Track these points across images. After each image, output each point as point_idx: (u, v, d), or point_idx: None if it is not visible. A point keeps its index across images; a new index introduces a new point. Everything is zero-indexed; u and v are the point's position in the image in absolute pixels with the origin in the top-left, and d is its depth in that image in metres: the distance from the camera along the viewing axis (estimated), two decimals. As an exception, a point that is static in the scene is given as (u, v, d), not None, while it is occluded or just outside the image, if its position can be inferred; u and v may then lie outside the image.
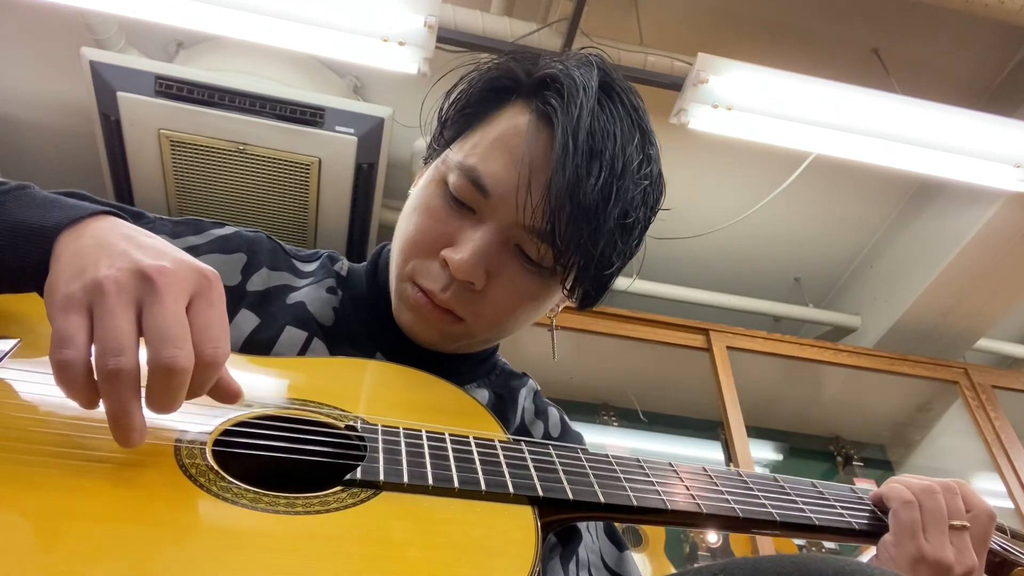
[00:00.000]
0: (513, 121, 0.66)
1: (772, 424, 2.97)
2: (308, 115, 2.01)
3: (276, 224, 2.27)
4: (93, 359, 0.44)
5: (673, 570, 2.19)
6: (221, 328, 0.48)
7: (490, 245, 0.64)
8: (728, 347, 2.48)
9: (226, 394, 0.51)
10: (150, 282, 0.45)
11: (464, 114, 0.70)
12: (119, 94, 1.91)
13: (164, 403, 0.46)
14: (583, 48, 0.71)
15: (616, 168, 0.63)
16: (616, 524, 0.81)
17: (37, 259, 0.50)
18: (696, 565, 0.67)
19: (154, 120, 1.96)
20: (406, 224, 0.69)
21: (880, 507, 0.69)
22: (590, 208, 0.61)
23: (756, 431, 2.70)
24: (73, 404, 0.45)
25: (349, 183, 2.15)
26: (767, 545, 2.13)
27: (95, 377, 0.44)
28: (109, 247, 0.48)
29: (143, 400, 0.45)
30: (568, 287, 0.68)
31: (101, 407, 0.45)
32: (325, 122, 2.02)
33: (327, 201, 2.20)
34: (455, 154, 0.67)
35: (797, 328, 3.00)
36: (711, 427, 2.78)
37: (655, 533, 2.45)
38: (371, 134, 2.05)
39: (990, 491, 2.41)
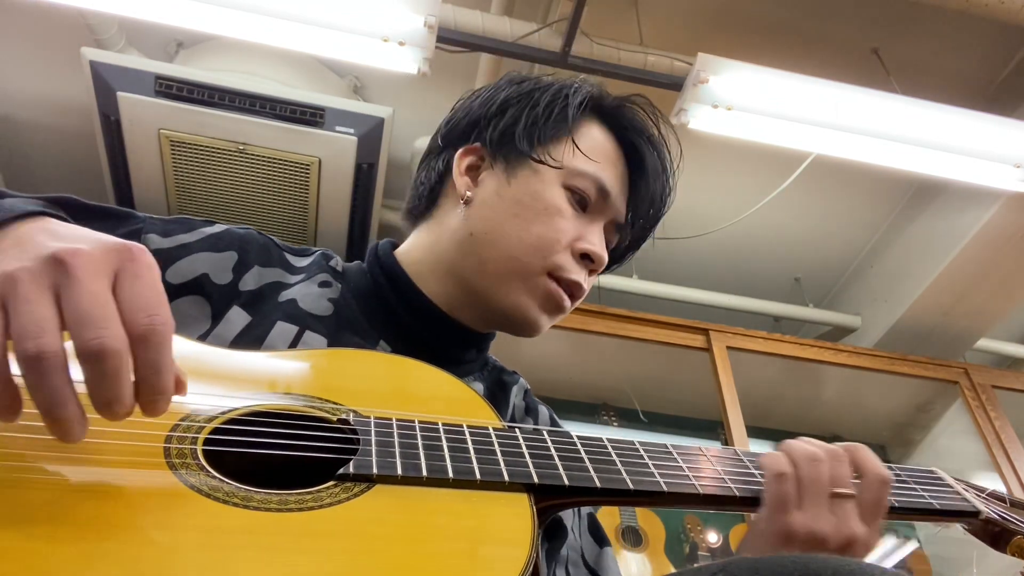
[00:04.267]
0: (606, 135, 0.83)
1: (772, 424, 2.97)
2: (308, 115, 2.01)
3: (276, 224, 2.27)
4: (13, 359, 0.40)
5: (673, 570, 2.19)
6: (152, 297, 0.44)
7: (604, 238, 0.80)
8: (728, 347, 2.48)
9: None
10: (63, 266, 0.41)
11: (556, 121, 0.79)
12: (119, 94, 1.91)
13: (107, 397, 0.41)
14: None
15: (671, 181, 0.84)
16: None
17: None
18: (696, 565, 0.67)
19: (154, 120, 1.96)
20: (532, 223, 0.75)
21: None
22: (660, 212, 0.83)
23: (756, 431, 2.69)
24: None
25: (349, 183, 2.15)
26: (767, 545, 2.13)
27: (18, 378, 0.40)
28: (26, 243, 0.44)
29: (92, 405, 0.42)
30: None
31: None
32: (325, 122, 2.02)
33: (327, 201, 2.21)
34: (575, 161, 0.78)
35: (797, 328, 3.00)
36: (711, 427, 2.78)
37: (655, 533, 2.45)
38: (371, 134, 2.06)
39: (990, 491, 2.40)
